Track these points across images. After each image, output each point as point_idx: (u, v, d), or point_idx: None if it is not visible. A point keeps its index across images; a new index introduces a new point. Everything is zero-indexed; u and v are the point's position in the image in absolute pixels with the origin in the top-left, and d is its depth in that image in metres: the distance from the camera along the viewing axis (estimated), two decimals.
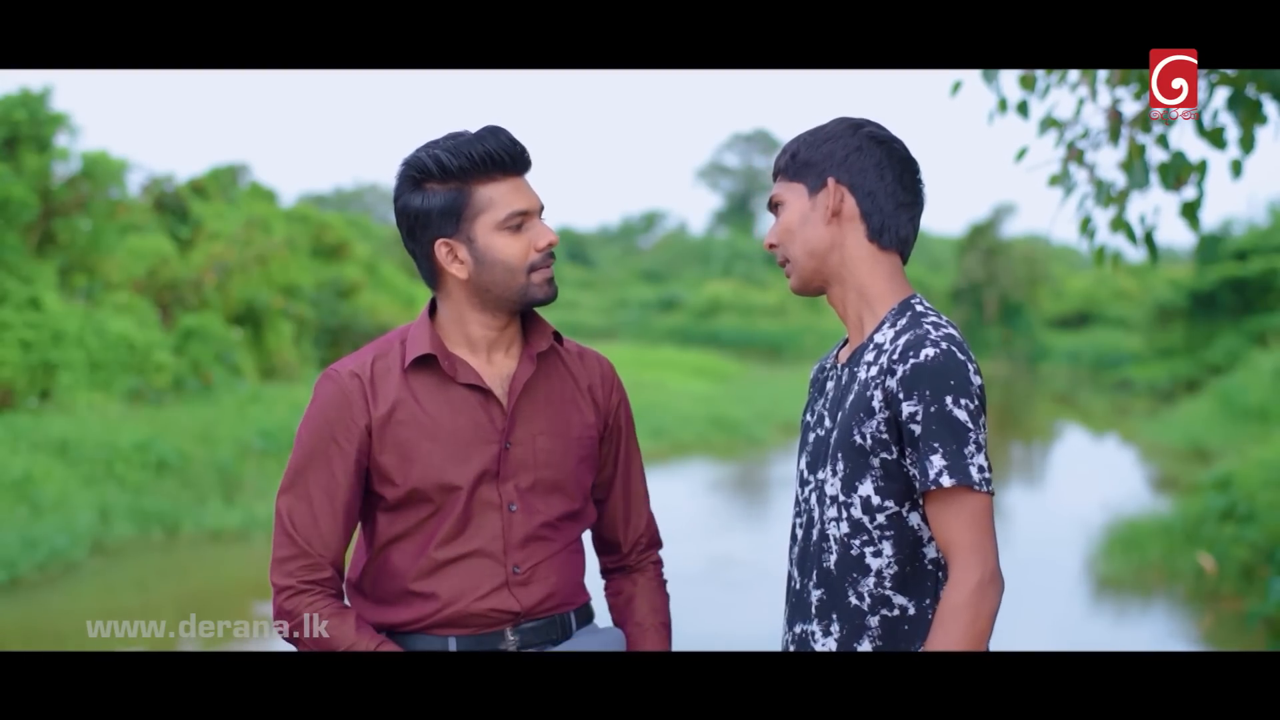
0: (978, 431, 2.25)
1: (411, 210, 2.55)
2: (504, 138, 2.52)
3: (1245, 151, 4.49)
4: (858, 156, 2.42)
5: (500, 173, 2.52)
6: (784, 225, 2.47)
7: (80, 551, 10.66)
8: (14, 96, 15.61)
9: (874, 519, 2.33)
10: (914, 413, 2.25)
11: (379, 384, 2.57)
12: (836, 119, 2.49)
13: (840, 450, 2.36)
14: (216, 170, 22.98)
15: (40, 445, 12.43)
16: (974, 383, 2.27)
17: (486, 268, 2.53)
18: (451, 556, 2.56)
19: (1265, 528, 9.64)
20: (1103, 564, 10.77)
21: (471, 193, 2.51)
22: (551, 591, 2.62)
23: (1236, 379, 19.76)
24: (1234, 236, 27.53)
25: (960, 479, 2.22)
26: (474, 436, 2.57)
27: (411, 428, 2.55)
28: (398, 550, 2.58)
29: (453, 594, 2.55)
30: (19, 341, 14.17)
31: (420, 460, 2.54)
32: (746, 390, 24.84)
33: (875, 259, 2.43)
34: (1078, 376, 32.96)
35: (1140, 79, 4.57)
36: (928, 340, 2.28)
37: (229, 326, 18.18)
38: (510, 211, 2.51)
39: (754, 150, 64.04)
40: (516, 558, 2.59)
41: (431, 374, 2.58)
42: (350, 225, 26.61)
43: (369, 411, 2.55)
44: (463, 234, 2.52)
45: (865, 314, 2.43)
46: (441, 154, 2.50)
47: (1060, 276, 42.50)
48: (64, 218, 16.01)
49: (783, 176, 2.49)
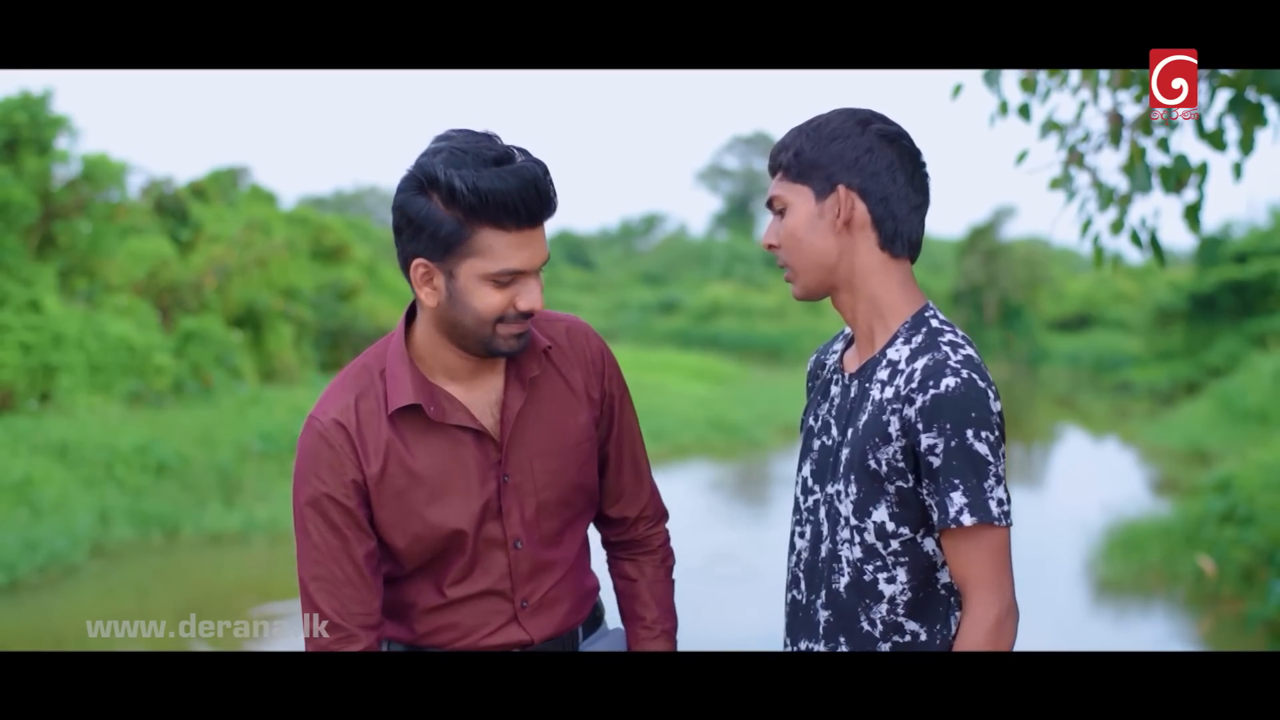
0: (997, 464, 2.19)
1: (408, 213, 2.31)
2: (531, 187, 2.27)
3: (1244, 153, 4.49)
4: (869, 159, 2.29)
5: (513, 224, 2.28)
6: (789, 231, 2.33)
7: (80, 554, 10.66)
8: (14, 99, 15.61)
9: (888, 545, 2.27)
10: (933, 445, 2.18)
11: (366, 433, 2.43)
12: (838, 111, 2.35)
13: (853, 472, 2.28)
14: (216, 172, 22.97)
15: (40, 448, 12.42)
16: (994, 411, 2.19)
17: (457, 309, 2.35)
18: (460, 596, 2.50)
19: (1265, 530, 9.64)
20: (1103, 566, 10.76)
21: (473, 233, 2.28)
22: (561, 619, 2.58)
23: (1236, 381, 19.74)
24: (1234, 239, 27.51)
25: (981, 516, 2.17)
26: (470, 478, 2.47)
27: (405, 479, 2.44)
28: (408, 585, 2.52)
29: (463, 630, 2.51)
30: (19, 344, 14.17)
31: (419, 512, 2.45)
32: (746, 392, 24.81)
33: (887, 268, 2.33)
34: (1078, 379, 32.91)
35: (1141, 81, 4.57)
36: (948, 368, 2.19)
37: (229, 329, 18.17)
38: (503, 269, 2.30)
39: (753, 153, 63.99)
40: (524, 592, 2.53)
41: (418, 416, 2.45)
42: (350, 228, 26.60)
43: (361, 468, 2.42)
44: (445, 266, 2.31)
45: (876, 324, 2.34)
46: (458, 180, 2.24)
47: (1060, 279, 42.44)
48: (64, 220, 16.01)
49: (784, 175, 2.34)
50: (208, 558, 11.28)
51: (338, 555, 2.43)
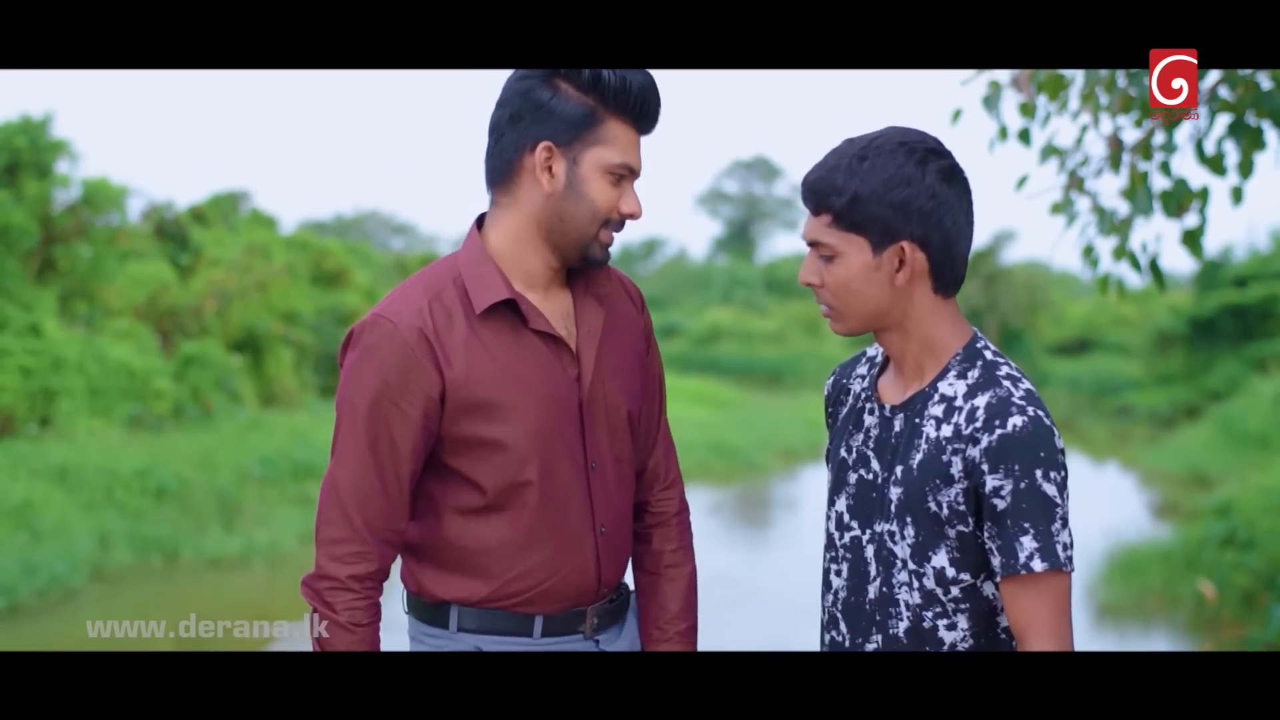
0: (1064, 505, 2.10)
1: (533, 98, 2.30)
2: (656, 92, 2.33)
3: (1244, 177, 4.50)
4: (933, 206, 2.15)
5: (633, 120, 2.32)
6: (839, 282, 2.19)
7: (80, 578, 10.63)
8: (15, 123, 15.62)
9: (948, 591, 2.18)
10: (999, 487, 2.09)
11: (444, 337, 2.29)
12: (886, 140, 2.18)
13: (911, 514, 2.18)
14: (217, 197, 23.01)
15: (40, 472, 12.40)
16: (1060, 449, 2.11)
17: (573, 198, 2.31)
18: (540, 526, 2.36)
19: (1266, 554, 9.62)
20: (1103, 590, 10.74)
21: (603, 119, 2.29)
22: (624, 558, 2.49)
23: (1237, 405, 19.72)
24: (1234, 263, 27.53)
25: (1051, 562, 2.08)
26: (551, 391, 2.35)
27: (490, 388, 2.31)
28: (477, 522, 2.37)
29: (542, 568, 2.37)
30: (19, 368, 14.16)
31: (503, 426, 2.31)
32: (747, 417, 24.78)
33: (939, 309, 2.23)
34: (1078, 403, 32.89)
35: (1141, 106, 4.58)
36: (1013, 405, 2.11)
37: (229, 353, 18.17)
38: (624, 161, 2.32)
39: (754, 177, 64.02)
40: (601, 518, 2.42)
41: (502, 319, 2.34)
42: (350, 252, 26.60)
43: (441, 374, 2.28)
44: (571, 152, 2.30)
45: (926, 360, 2.24)
46: (603, 70, 2.28)
47: (1060, 303, 42.48)
48: (64, 244, 16.01)
49: (835, 222, 2.17)
50: (207, 582, 11.26)
51: (383, 466, 2.30)
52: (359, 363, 2.31)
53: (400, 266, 30.19)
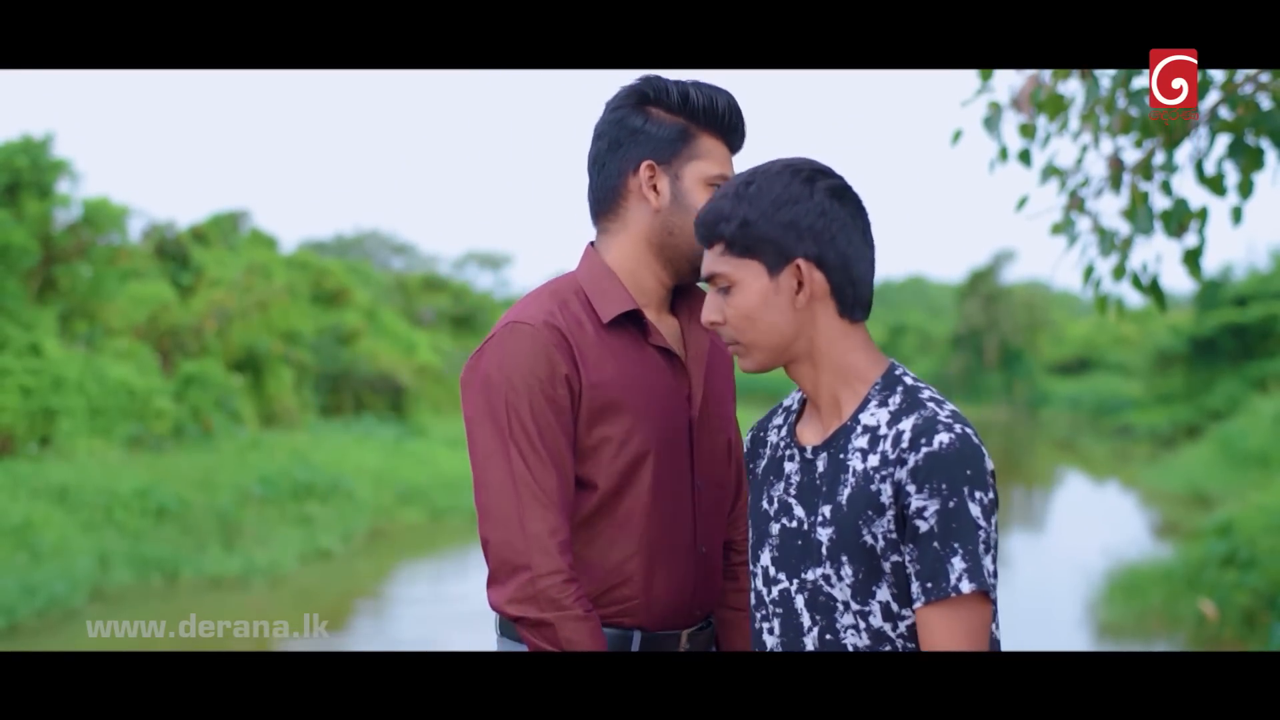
0: (989, 530, 1.99)
1: (629, 124, 2.38)
2: (740, 111, 2.42)
3: (1243, 196, 4.50)
4: (824, 223, 2.09)
5: (723, 135, 2.40)
6: (740, 312, 2.13)
7: (79, 598, 10.63)
8: (15, 143, 15.66)
9: (896, 627, 2.06)
10: (923, 508, 1.99)
11: (578, 337, 2.31)
12: (773, 167, 2.15)
13: (846, 552, 2.07)
14: (217, 217, 23.05)
15: (40, 492, 12.41)
16: (989, 470, 2.00)
17: (680, 212, 2.36)
18: (647, 535, 2.35)
19: (1267, 574, 9.62)
20: (1104, 610, 10.74)
21: (696, 136, 2.37)
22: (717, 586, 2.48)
23: (1237, 424, 19.75)
24: (1234, 282, 27.58)
25: (979, 583, 1.97)
26: (669, 406, 2.37)
27: (619, 391, 2.32)
28: (585, 529, 2.34)
29: (647, 583, 2.35)
30: (19, 388, 14.16)
31: (629, 433, 2.32)
32: None
33: (848, 335, 2.14)
34: (1078, 422, 32.94)
35: (1142, 127, 4.59)
36: (939, 424, 2.01)
37: (229, 373, 18.18)
38: (721, 172, 2.38)
39: None
40: (703, 539, 2.42)
41: (625, 331, 2.37)
42: (350, 272, 26.65)
43: (578, 371, 2.29)
44: (672, 168, 2.37)
45: (843, 393, 2.15)
46: (690, 89, 2.37)
47: (1060, 322, 42.56)
48: (65, 264, 16.03)
49: (727, 250, 2.13)
50: (208, 602, 11.25)
51: (549, 465, 2.26)
52: (503, 366, 2.29)
53: (400, 286, 30.24)
